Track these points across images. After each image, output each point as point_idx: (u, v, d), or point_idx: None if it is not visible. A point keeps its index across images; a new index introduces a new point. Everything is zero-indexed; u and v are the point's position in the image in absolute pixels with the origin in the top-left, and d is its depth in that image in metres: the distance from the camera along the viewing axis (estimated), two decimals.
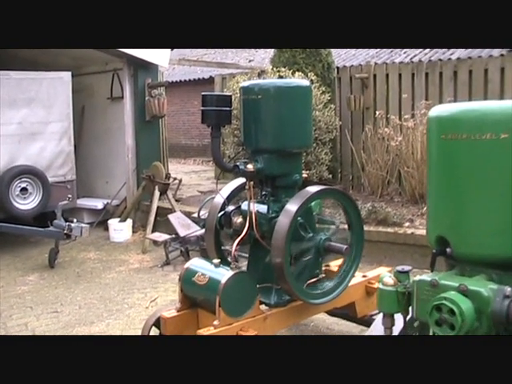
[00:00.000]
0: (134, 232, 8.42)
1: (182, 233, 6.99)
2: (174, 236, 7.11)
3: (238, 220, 4.01)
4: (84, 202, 9.04)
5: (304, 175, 4.21)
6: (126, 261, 7.27)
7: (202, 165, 14.21)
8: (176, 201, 8.76)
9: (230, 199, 4.25)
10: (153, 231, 7.85)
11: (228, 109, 3.83)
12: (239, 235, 3.92)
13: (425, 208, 7.47)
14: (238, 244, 3.88)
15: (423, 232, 6.59)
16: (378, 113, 8.37)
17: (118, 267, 7.01)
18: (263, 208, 4.00)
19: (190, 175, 12.11)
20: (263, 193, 4.12)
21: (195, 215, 7.24)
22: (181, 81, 16.42)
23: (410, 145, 7.96)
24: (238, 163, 3.91)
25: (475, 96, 8.05)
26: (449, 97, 8.19)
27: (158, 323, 4.01)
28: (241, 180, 4.22)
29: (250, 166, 3.88)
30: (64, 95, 7.95)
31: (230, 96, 3.91)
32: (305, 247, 3.92)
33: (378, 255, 6.55)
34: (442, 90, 8.40)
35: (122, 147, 8.92)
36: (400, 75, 8.77)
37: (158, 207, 8.18)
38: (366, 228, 4.42)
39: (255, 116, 3.93)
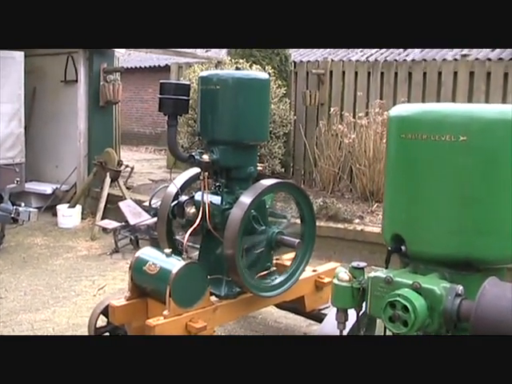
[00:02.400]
0: (83, 219, 8.29)
1: (133, 221, 6.92)
2: (123, 224, 7.03)
3: (191, 210, 3.98)
4: (32, 186, 8.84)
5: (259, 168, 4.21)
6: (74, 247, 7.15)
7: (154, 153, 14.06)
8: (127, 188, 8.66)
9: (183, 189, 4.21)
10: (102, 218, 7.73)
11: (186, 98, 3.79)
12: (192, 225, 3.89)
13: (375, 205, 7.60)
14: (190, 234, 3.85)
15: (373, 229, 6.70)
16: (332, 109, 8.42)
17: (65, 254, 6.88)
18: (217, 199, 3.98)
19: (142, 163, 11.98)
20: (217, 184, 4.10)
21: (146, 204, 7.19)
22: (136, 67, 16.17)
23: (362, 142, 8.05)
24: (193, 153, 3.88)
25: (428, 98, 8.19)
26: (403, 97, 8.30)
27: (106, 311, 3.96)
28: (195, 170, 4.20)
29: (205, 157, 3.86)
30: (16, 75, 7.74)
31: (189, 85, 3.87)
32: (257, 240, 3.92)
33: (327, 250, 6.61)
34: (397, 90, 8.52)
35: (74, 132, 8.75)
36: (356, 73, 8.86)
37: (108, 194, 8.06)
38: (317, 222, 4.44)
39: (212, 106, 3.90)
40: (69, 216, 8.04)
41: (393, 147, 2.77)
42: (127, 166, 8.69)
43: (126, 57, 15.33)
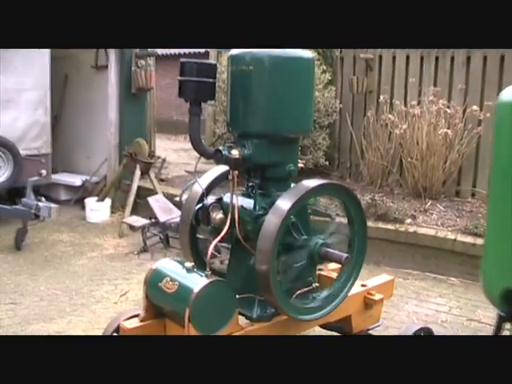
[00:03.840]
0: (112, 213, 7.69)
1: (162, 218, 6.29)
2: (153, 221, 6.40)
3: (218, 216, 3.30)
4: (62, 178, 8.30)
5: (300, 165, 3.51)
6: (101, 245, 6.56)
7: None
8: (161, 180, 8.05)
9: (209, 190, 3.54)
10: (132, 214, 7.13)
11: (211, 80, 3.10)
12: (219, 233, 3.22)
13: (429, 203, 6.81)
14: (215, 245, 3.17)
15: (427, 231, 5.97)
16: (382, 97, 7.62)
17: (90, 252, 6.30)
18: (249, 203, 3.30)
19: (179, 153, 11.36)
20: (249, 184, 3.41)
21: (178, 198, 6.56)
22: (175, 54, 15.57)
23: (414, 134, 7.24)
24: (221, 148, 3.19)
25: (489, 85, 7.31)
26: (460, 84, 7.45)
27: (119, 330, 3.33)
28: (224, 167, 3.50)
29: (234, 152, 3.17)
30: (41, 62, 7.16)
31: (215, 65, 3.18)
32: (297, 252, 3.22)
33: (375, 254, 5.87)
34: (453, 77, 7.64)
35: (105, 121, 8.15)
36: (408, 58, 8.00)
37: (138, 188, 7.45)
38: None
39: (244, 91, 3.21)
40: (97, 210, 7.46)
41: (506, 145, 1.92)
42: (159, 158, 8.06)
43: None
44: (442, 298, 5.23)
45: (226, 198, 3.37)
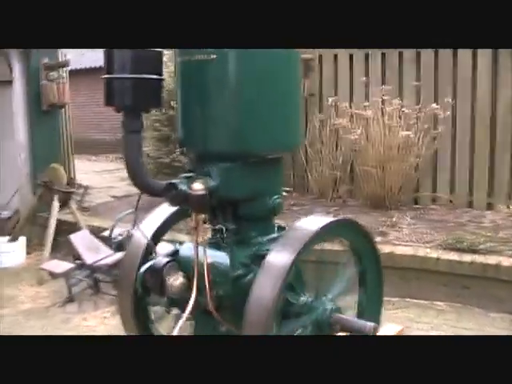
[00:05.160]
0: (28, 253, 6.31)
1: (89, 259, 5.02)
2: (78, 263, 5.12)
3: (177, 281, 2.16)
4: None
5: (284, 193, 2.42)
6: (14, 297, 5.20)
7: (116, 162, 12.08)
8: (83, 210, 6.74)
9: (157, 239, 2.39)
10: (52, 255, 5.81)
11: (157, 77, 1.96)
12: (179, 305, 2.09)
13: (395, 217, 5.85)
14: (178, 329, 2.03)
15: (403, 250, 4.96)
16: (330, 100, 6.62)
17: (0, 309, 4.94)
18: (221, 258, 2.19)
19: (102, 175, 10.00)
20: (217, 228, 2.28)
21: (107, 233, 5.33)
22: (91, 67, 14.12)
23: (369, 138, 6.28)
24: (175, 181, 2.04)
25: (442, 81, 6.46)
26: (412, 81, 6.55)
27: None
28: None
29: (197, 186, 2.03)
30: None
31: (160, 53, 2.02)
32: (293, 322, 2.14)
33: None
34: (403, 74, 6.73)
35: (13, 144, 6.78)
36: (351, 57, 7.04)
37: (58, 222, 6.11)
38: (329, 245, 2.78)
39: (204, 92, 2.08)
40: (9, 252, 6.07)
41: None
42: (80, 186, 6.75)
43: (79, 57, 13.33)
44: (435, 332, 4.24)
45: (185, 250, 2.24)
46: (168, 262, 2.17)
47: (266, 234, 2.28)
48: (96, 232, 5.67)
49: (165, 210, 2.40)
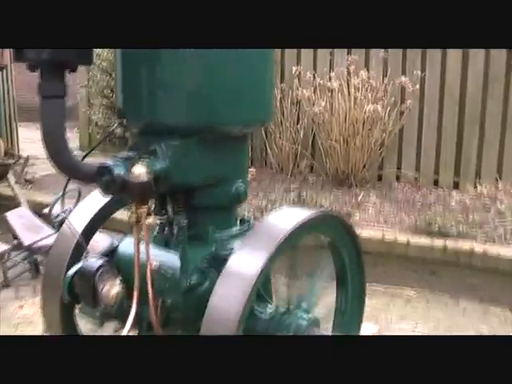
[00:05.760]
0: None
1: (27, 239, 4.46)
2: (15, 244, 4.55)
3: (113, 290, 1.66)
4: None
5: (250, 175, 1.95)
6: None
7: (67, 131, 11.37)
8: (26, 182, 6.11)
9: (91, 231, 1.89)
10: None
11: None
12: (119, 319, 1.61)
13: (361, 195, 5.44)
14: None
15: (371, 233, 4.58)
16: (294, 69, 6.10)
17: None
18: (170, 259, 1.70)
19: None
20: (164, 220, 1.79)
21: (47, 210, 4.75)
22: None
23: (334, 111, 5.83)
24: (109, 163, 1.54)
25: (411, 52, 6.02)
26: (379, 50, 6.09)
27: None
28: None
29: (139, 170, 1.53)
30: None
31: None
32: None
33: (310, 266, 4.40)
34: None
35: None
36: None
37: None
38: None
39: (150, 53, 1.57)
40: None
41: None
42: (20, 158, 6.11)
43: None
44: (406, 323, 3.87)
45: (126, 248, 1.75)
46: (102, 266, 1.68)
47: (227, 227, 1.80)
48: (38, 208, 5.09)
49: (98, 198, 1.90)
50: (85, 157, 1.69)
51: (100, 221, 1.93)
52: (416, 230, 4.55)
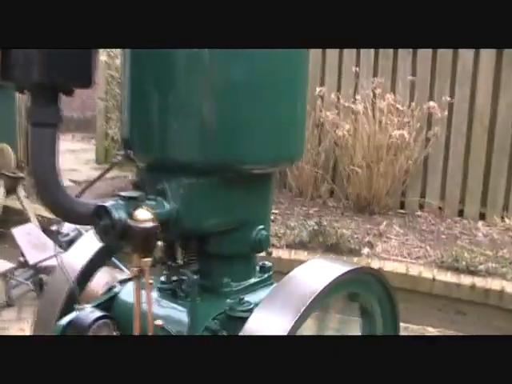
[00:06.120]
0: None
1: (33, 258, 4.24)
2: (21, 261, 4.33)
3: None
4: None
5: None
6: None
7: (83, 142, 11.14)
8: (83, 192, 5.85)
9: (88, 277, 1.64)
10: None
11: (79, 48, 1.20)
12: None
13: (383, 224, 5.16)
14: None
15: (394, 266, 4.29)
16: (318, 90, 5.85)
17: None
18: (175, 315, 1.44)
19: (65, 155, 9.08)
20: (172, 266, 1.53)
21: (54, 227, 4.52)
22: None
23: (358, 135, 5.57)
24: (108, 203, 1.29)
25: (441, 75, 5.75)
26: (406, 73, 5.83)
27: None
28: None
29: (142, 214, 1.28)
30: None
31: None
32: None
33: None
34: (397, 65, 6.01)
35: None
36: None
37: (5, 210, 5.29)
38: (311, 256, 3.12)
39: (165, 80, 1.33)
40: None
41: None
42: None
43: None
44: None
45: (127, 296, 1.50)
46: (98, 319, 1.43)
47: (245, 278, 1.55)
48: (47, 224, 4.87)
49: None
50: (82, 192, 1.45)
51: (100, 261, 1.68)
52: (442, 266, 4.26)
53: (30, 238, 4.43)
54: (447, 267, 4.22)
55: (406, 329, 4.10)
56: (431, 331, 4.06)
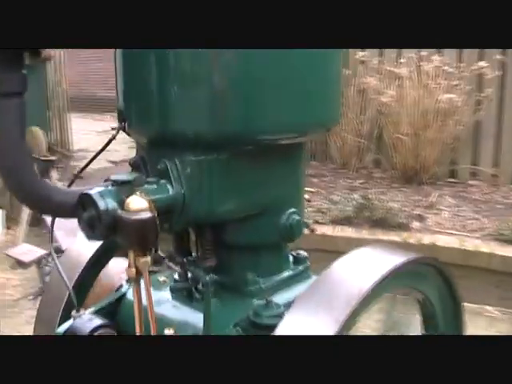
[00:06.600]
0: (8, 228, 5.35)
1: (66, 243, 4.05)
2: (54, 247, 4.15)
3: None
4: None
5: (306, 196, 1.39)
6: None
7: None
8: (76, 177, 5.72)
9: (97, 269, 1.39)
10: (35, 231, 4.84)
11: None
12: None
13: (434, 194, 4.81)
14: None
15: (447, 241, 3.94)
16: (360, 54, 5.47)
17: None
18: (190, 319, 1.17)
19: (103, 136, 8.98)
20: (185, 259, 1.26)
21: None
22: None
23: (404, 101, 5.19)
24: (94, 191, 1.01)
25: None
26: None
27: None
28: None
29: (135, 202, 1.00)
30: None
31: None
32: None
33: None
34: None
35: None
36: None
37: None
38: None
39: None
40: None
41: None
42: (67, 153, 5.70)
43: None
44: None
45: (131, 295, 1.24)
46: (98, 327, 1.18)
47: (274, 273, 1.27)
48: None
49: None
50: (71, 183, 1.20)
51: (101, 264, 1.41)
52: (499, 238, 3.89)
53: (62, 223, 4.25)
54: (505, 240, 3.85)
55: (465, 308, 3.79)
56: (490, 310, 3.72)
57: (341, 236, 3.99)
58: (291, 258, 1.36)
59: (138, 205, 0.99)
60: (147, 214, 0.98)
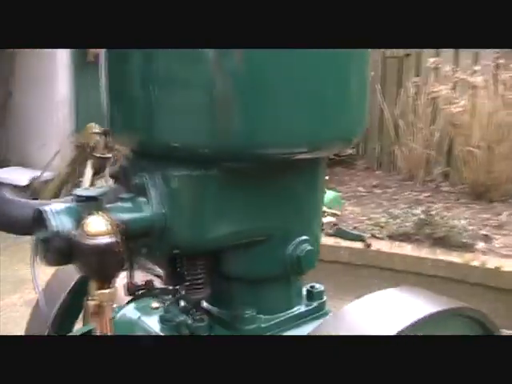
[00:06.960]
0: None
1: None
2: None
3: None
4: (7, 174, 5.98)
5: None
6: (28, 282, 4.24)
7: None
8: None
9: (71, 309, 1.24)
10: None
11: None
12: None
13: (505, 213, 4.46)
14: None
15: None
16: (431, 61, 5.17)
17: (8, 296, 3.99)
18: None
19: None
20: (174, 288, 1.08)
21: None
22: None
23: (477, 112, 4.87)
24: (49, 206, 0.85)
25: None
26: None
27: None
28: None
29: (95, 224, 0.83)
30: None
31: None
32: None
33: None
34: None
35: (55, 100, 5.86)
36: None
37: None
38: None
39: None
40: None
41: None
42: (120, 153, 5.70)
43: None
44: None
45: (123, 319, 1.07)
46: None
47: (279, 309, 1.07)
48: None
49: None
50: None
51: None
52: None
53: None
54: None
55: None
56: None
57: (396, 253, 3.73)
58: (305, 292, 1.16)
59: (97, 227, 0.82)
60: (107, 239, 0.81)
